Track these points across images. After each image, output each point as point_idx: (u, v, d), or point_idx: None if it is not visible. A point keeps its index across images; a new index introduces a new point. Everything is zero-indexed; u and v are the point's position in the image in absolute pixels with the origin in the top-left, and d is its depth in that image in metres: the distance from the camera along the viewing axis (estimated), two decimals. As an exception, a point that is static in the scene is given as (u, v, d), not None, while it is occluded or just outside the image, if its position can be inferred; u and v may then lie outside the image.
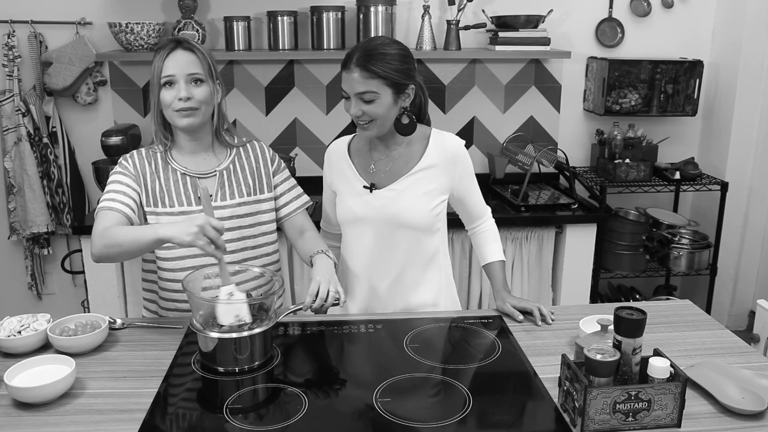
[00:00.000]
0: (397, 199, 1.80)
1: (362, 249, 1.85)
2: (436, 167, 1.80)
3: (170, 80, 1.69)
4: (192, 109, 1.70)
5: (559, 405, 1.36)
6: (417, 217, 1.79)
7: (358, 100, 1.70)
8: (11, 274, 3.44)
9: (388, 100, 1.70)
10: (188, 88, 1.69)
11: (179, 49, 1.70)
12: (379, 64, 1.66)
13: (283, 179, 1.91)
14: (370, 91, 1.68)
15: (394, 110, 1.74)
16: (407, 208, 1.79)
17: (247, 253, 1.82)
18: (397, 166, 1.82)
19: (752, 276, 3.69)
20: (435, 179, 1.80)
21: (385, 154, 1.84)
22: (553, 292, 3.18)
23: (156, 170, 1.78)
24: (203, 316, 1.54)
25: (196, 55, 1.71)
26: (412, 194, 1.79)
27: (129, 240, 1.60)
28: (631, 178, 3.30)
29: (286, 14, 3.09)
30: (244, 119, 3.32)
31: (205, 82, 1.71)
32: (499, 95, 3.43)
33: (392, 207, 1.80)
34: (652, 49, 3.46)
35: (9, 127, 3.17)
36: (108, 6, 3.16)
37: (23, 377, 1.42)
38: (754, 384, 1.41)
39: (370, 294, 1.87)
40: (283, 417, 1.33)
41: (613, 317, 1.34)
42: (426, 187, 1.80)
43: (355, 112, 1.72)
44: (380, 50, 1.68)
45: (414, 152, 1.82)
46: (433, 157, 1.80)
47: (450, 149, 1.82)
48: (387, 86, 1.68)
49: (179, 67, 1.68)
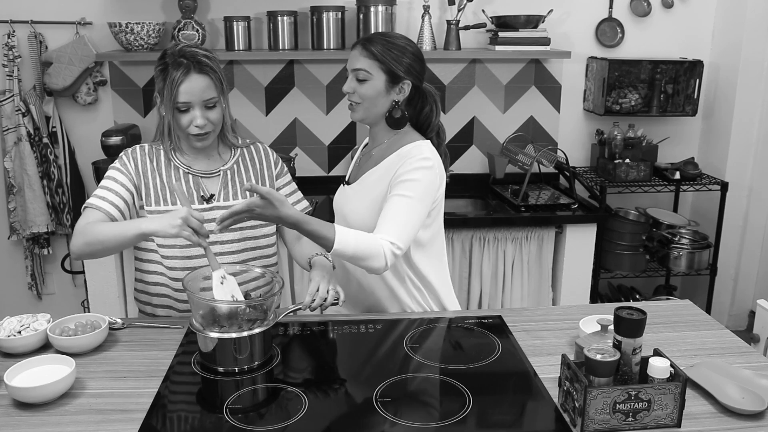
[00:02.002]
0: (350, 198, 1.83)
1: None
2: (389, 166, 1.75)
3: (186, 107, 1.68)
4: (207, 133, 1.72)
5: (559, 405, 1.36)
6: (360, 221, 1.76)
7: (353, 77, 1.74)
8: (11, 274, 3.44)
9: (379, 85, 1.72)
10: (204, 114, 1.69)
11: (193, 73, 1.66)
12: (379, 47, 1.71)
13: (285, 183, 1.92)
14: (363, 69, 1.71)
15: (385, 100, 1.75)
16: (353, 211, 1.81)
17: (247, 253, 1.82)
18: (369, 163, 1.84)
19: (752, 276, 3.69)
20: (383, 178, 1.75)
21: (370, 150, 1.87)
22: (553, 292, 3.18)
23: (158, 167, 1.78)
24: (203, 316, 1.54)
25: (210, 77, 1.68)
26: (363, 196, 1.79)
27: (111, 236, 1.59)
28: (631, 178, 3.30)
29: (286, 14, 3.09)
30: (244, 119, 3.32)
31: (218, 102, 1.72)
32: (499, 95, 3.43)
33: (344, 206, 1.85)
34: (652, 49, 3.46)
35: (9, 127, 3.17)
36: (108, 6, 3.16)
37: (23, 377, 1.41)
38: (754, 384, 1.41)
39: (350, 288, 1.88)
40: (283, 417, 1.33)
41: (613, 317, 1.34)
42: (376, 189, 1.76)
43: (347, 88, 1.75)
44: (386, 37, 1.75)
45: (384, 154, 1.79)
46: (390, 161, 1.76)
47: (405, 149, 1.74)
48: (381, 71, 1.71)
49: (195, 95, 1.67)
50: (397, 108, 1.76)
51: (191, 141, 1.74)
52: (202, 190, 1.78)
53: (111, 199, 1.71)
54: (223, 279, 1.58)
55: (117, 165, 1.77)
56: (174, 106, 1.68)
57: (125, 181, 1.74)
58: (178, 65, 1.66)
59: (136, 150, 1.80)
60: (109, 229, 1.61)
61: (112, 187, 1.73)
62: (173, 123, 1.72)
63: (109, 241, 1.59)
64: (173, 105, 1.68)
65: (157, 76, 1.70)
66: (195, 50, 1.69)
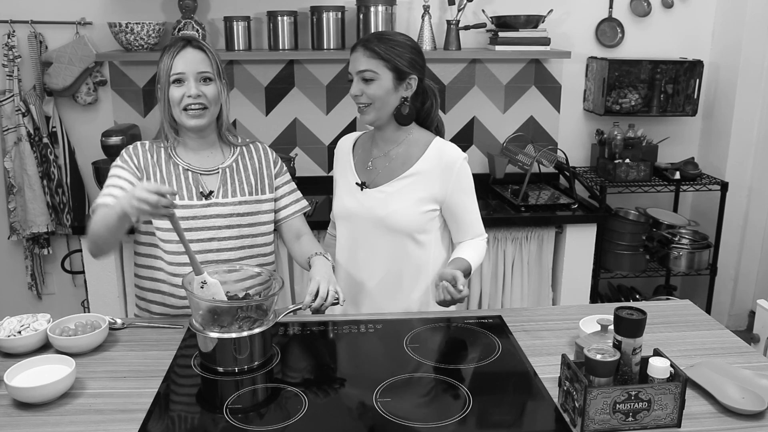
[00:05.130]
0: (387, 201, 1.80)
1: (351, 245, 1.87)
2: (429, 174, 1.79)
3: (180, 78, 1.71)
4: (202, 108, 1.73)
5: (559, 405, 1.36)
6: (404, 222, 1.79)
7: (359, 79, 1.73)
8: (11, 274, 3.44)
9: (387, 84, 1.72)
10: (198, 86, 1.72)
11: (189, 47, 1.73)
12: (383, 46, 1.72)
13: (284, 182, 1.92)
14: (370, 69, 1.71)
15: (394, 97, 1.75)
16: (396, 212, 1.79)
17: (245, 251, 1.83)
18: (393, 166, 1.82)
19: (752, 276, 3.69)
20: (427, 186, 1.79)
21: (384, 152, 1.84)
22: (553, 292, 3.18)
23: (158, 163, 1.79)
24: (203, 316, 1.54)
25: (206, 53, 1.74)
26: (402, 198, 1.79)
27: (101, 225, 1.59)
28: (631, 178, 3.30)
29: (286, 14, 3.09)
30: (244, 119, 3.32)
31: (213, 81, 1.75)
32: (499, 95, 3.43)
33: (381, 209, 1.80)
34: (652, 49, 3.46)
35: (9, 127, 3.17)
36: (108, 6, 3.16)
37: (23, 377, 1.42)
38: (754, 384, 1.41)
39: (358, 290, 1.88)
40: (283, 417, 1.33)
41: (613, 317, 1.34)
42: (417, 193, 1.79)
43: (355, 91, 1.75)
44: (388, 36, 1.76)
45: (412, 155, 1.82)
46: (428, 163, 1.79)
47: (446, 158, 1.80)
48: (388, 69, 1.72)
49: (189, 65, 1.71)
50: (405, 104, 1.77)
51: (185, 120, 1.73)
52: (202, 187, 1.79)
53: (117, 194, 1.71)
54: (203, 284, 1.57)
55: (119, 162, 1.79)
56: (169, 80, 1.71)
57: (129, 177, 1.76)
58: (176, 42, 1.74)
59: (137, 146, 1.81)
60: (98, 219, 1.61)
61: (117, 184, 1.74)
62: (170, 101, 1.73)
63: (103, 229, 1.59)
64: (169, 78, 1.71)
65: (159, 62, 1.75)
66: (194, 35, 1.72)
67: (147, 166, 1.78)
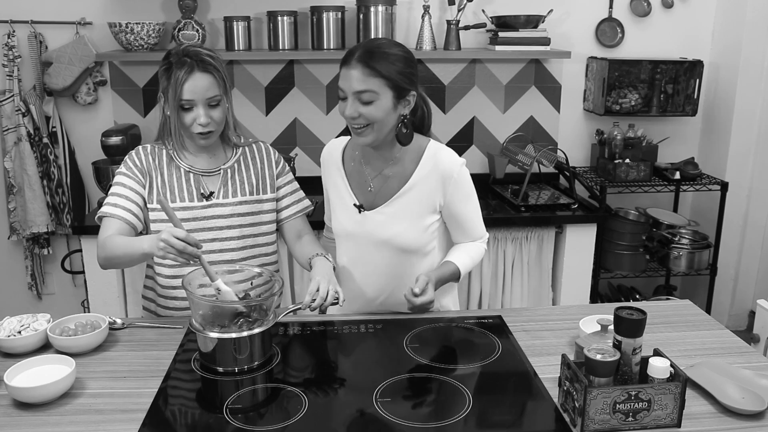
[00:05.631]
0: (388, 224, 1.74)
1: (356, 263, 1.83)
2: (427, 183, 1.72)
3: (189, 105, 1.70)
4: (210, 132, 1.74)
5: (559, 405, 1.36)
6: (408, 242, 1.75)
7: (356, 100, 1.60)
8: (11, 274, 3.44)
9: (387, 104, 1.61)
10: (207, 112, 1.71)
11: (197, 71, 1.68)
12: (382, 63, 1.58)
13: (286, 182, 1.92)
14: (369, 90, 1.59)
15: (393, 116, 1.65)
16: (399, 234, 1.74)
17: (246, 252, 1.83)
18: (389, 184, 1.75)
19: (752, 276, 3.69)
20: (425, 197, 1.73)
21: (379, 171, 1.76)
22: (553, 292, 3.18)
23: (159, 165, 1.80)
24: (203, 316, 1.54)
25: (214, 76, 1.70)
26: (403, 219, 1.74)
27: (122, 253, 1.66)
28: (631, 178, 3.30)
29: (286, 14, 3.09)
30: (244, 119, 3.32)
31: (221, 101, 1.74)
32: (499, 95, 3.42)
33: (382, 232, 1.75)
34: (652, 49, 3.46)
35: (9, 127, 3.17)
36: (108, 6, 3.16)
37: (23, 377, 1.42)
38: (754, 384, 1.41)
39: (366, 303, 1.86)
40: (283, 417, 1.33)
41: (613, 317, 1.34)
42: (417, 208, 1.73)
43: (351, 113, 1.62)
44: (384, 49, 1.61)
45: (407, 169, 1.74)
46: (425, 172, 1.72)
47: (442, 166, 1.71)
48: (388, 88, 1.60)
49: (198, 93, 1.69)
50: (405, 122, 1.67)
51: (195, 139, 1.75)
52: (202, 188, 1.79)
53: (124, 204, 1.74)
54: (218, 291, 1.59)
55: (123, 170, 1.79)
56: (178, 105, 1.70)
57: (134, 185, 1.77)
58: (182, 64, 1.68)
59: (139, 151, 1.81)
60: (120, 247, 1.66)
61: (123, 193, 1.76)
62: (177, 122, 1.73)
63: (123, 257, 1.66)
64: (177, 103, 1.69)
65: (161, 76, 1.72)
66: (199, 50, 1.71)
67: (150, 169, 1.79)
